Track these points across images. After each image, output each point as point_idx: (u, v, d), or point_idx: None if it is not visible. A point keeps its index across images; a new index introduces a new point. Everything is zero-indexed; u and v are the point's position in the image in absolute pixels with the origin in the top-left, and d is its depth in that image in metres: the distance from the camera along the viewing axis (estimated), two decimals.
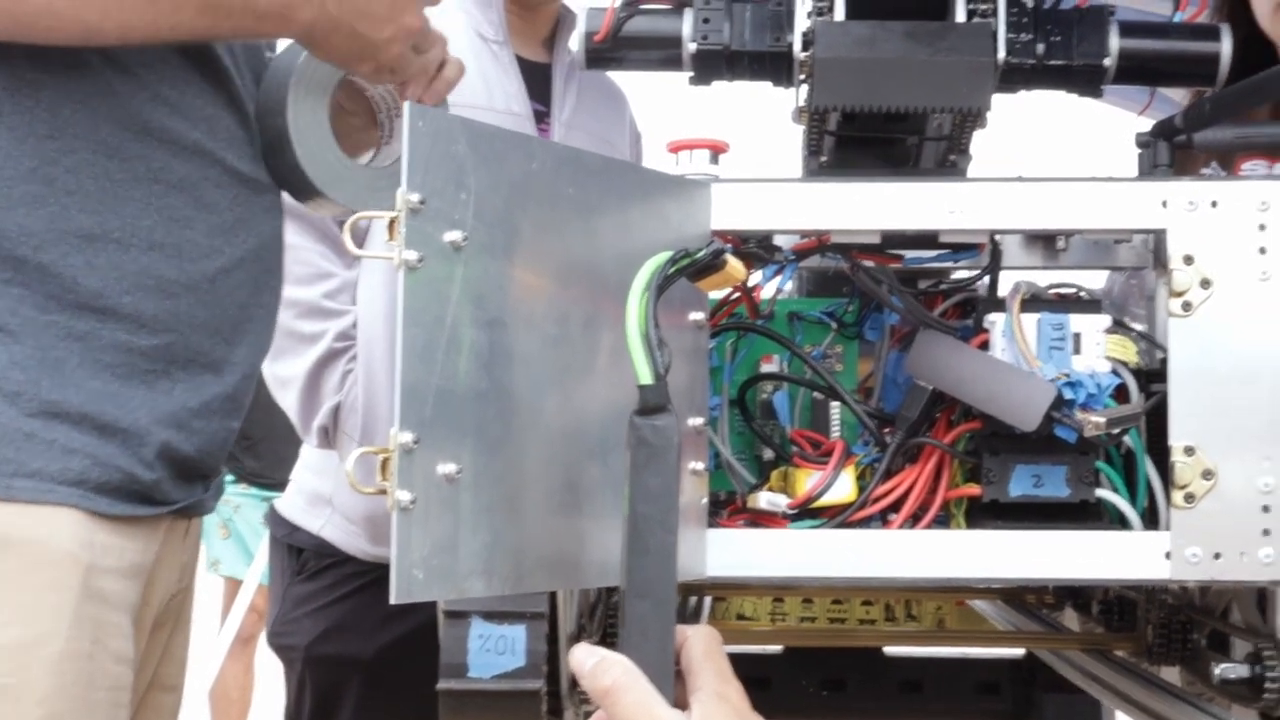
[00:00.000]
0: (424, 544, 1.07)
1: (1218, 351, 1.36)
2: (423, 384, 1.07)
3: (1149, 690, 1.63)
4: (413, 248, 1.05)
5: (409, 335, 1.06)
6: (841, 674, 2.54)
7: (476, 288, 1.11)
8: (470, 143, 1.09)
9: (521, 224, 1.15)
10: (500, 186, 1.12)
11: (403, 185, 1.05)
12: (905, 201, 1.39)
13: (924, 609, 2.54)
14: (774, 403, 1.57)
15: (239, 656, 4.99)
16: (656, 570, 1.11)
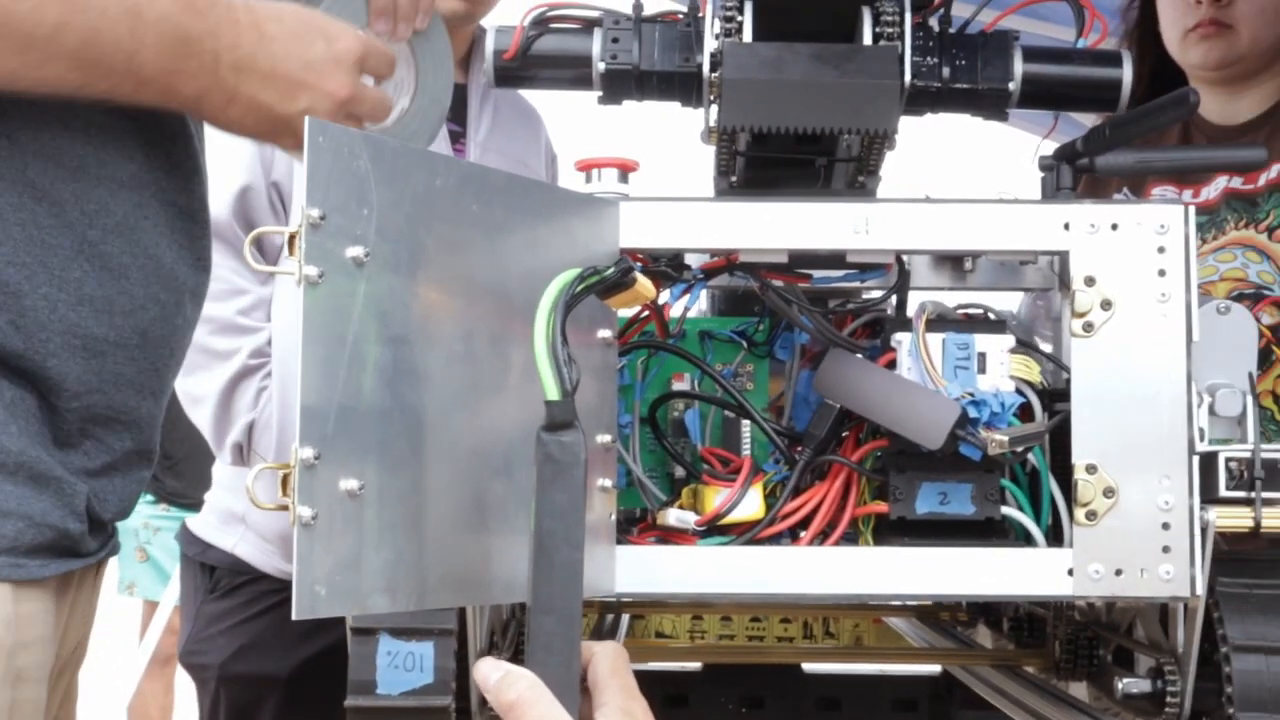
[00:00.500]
0: (326, 560, 1.07)
1: (1118, 371, 1.38)
2: (324, 400, 1.07)
3: (1056, 706, 1.65)
4: (313, 263, 1.05)
5: (310, 351, 1.06)
6: (760, 692, 2.54)
7: (380, 304, 1.11)
8: (372, 158, 1.09)
9: (426, 241, 1.15)
10: (403, 203, 1.12)
11: (303, 201, 1.05)
12: (812, 221, 1.40)
13: (842, 627, 2.55)
14: (685, 421, 1.58)
15: (158, 677, 4.94)
16: (562, 586, 1.11)
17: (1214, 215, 2.32)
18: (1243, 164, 1.62)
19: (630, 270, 1.20)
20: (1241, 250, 2.27)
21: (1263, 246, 2.25)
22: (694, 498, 1.48)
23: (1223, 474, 1.41)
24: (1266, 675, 1.40)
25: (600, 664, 1.15)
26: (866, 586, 1.41)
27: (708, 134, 1.50)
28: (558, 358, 1.10)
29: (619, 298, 1.24)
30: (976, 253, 1.51)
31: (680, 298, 1.49)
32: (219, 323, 2.22)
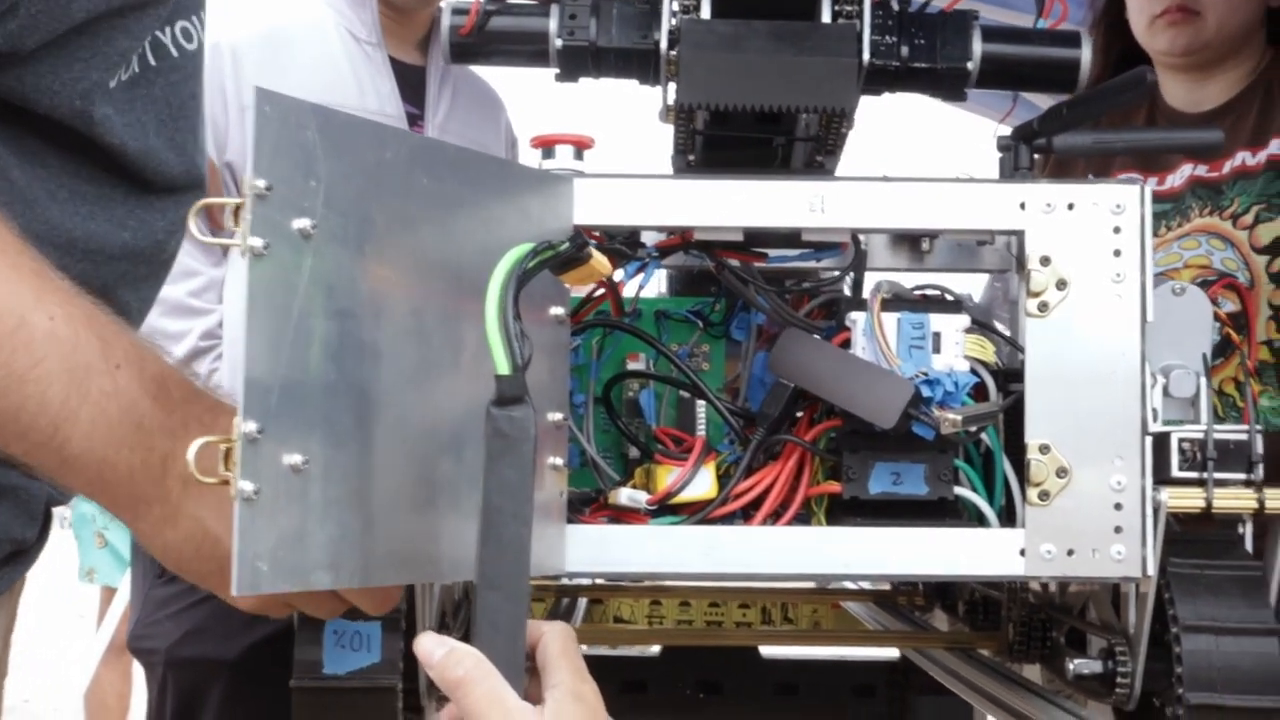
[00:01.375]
0: (269, 535, 1.06)
1: (1072, 351, 1.38)
2: (268, 373, 1.05)
3: (1009, 688, 1.65)
4: (258, 235, 1.03)
5: (254, 324, 1.04)
6: (718, 677, 2.55)
7: (327, 278, 1.09)
8: (321, 129, 1.08)
9: (375, 214, 1.13)
10: (352, 175, 1.11)
11: (248, 170, 1.03)
12: (768, 199, 1.39)
13: (800, 612, 2.55)
14: (640, 401, 1.57)
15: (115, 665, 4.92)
16: (509, 563, 1.11)
17: (1179, 203, 2.32)
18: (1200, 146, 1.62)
19: (585, 245, 1.19)
20: (1206, 238, 2.28)
21: (1227, 234, 2.26)
22: (647, 477, 1.47)
23: (1175, 455, 1.41)
24: (1216, 655, 1.40)
25: (550, 644, 1.14)
26: (819, 566, 1.41)
27: (666, 112, 1.49)
28: (509, 331, 1.09)
29: (574, 273, 1.24)
30: (933, 232, 1.51)
31: (635, 276, 1.49)
32: (169, 304, 2.20)
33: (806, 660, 2.63)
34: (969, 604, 2.04)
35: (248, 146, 1.04)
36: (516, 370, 1.10)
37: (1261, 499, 1.41)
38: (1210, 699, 1.39)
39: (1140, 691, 1.47)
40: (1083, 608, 1.63)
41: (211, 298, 2.24)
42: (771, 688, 2.57)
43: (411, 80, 2.41)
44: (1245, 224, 2.23)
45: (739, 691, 2.56)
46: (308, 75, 2.22)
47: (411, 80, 2.41)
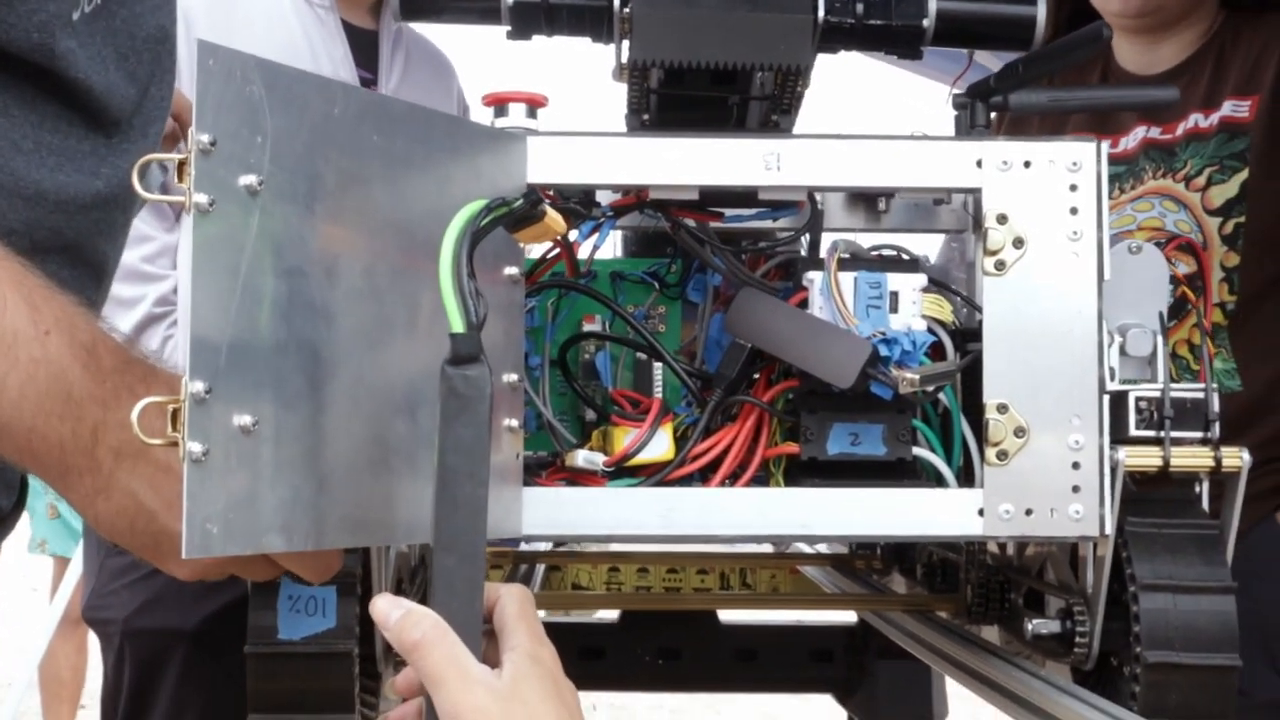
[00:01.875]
0: (218, 497, 1.04)
1: (1030, 310, 1.38)
2: (216, 332, 1.04)
3: (967, 649, 1.64)
4: (203, 191, 1.02)
5: (200, 282, 1.03)
6: (676, 643, 2.54)
7: (275, 235, 1.08)
8: (266, 84, 1.06)
9: (324, 171, 1.12)
10: (299, 131, 1.09)
11: (193, 125, 1.01)
12: (723, 157, 1.38)
13: (759, 578, 2.54)
14: (596, 363, 1.56)
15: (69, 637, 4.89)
16: (465, 524, 1.09)
17: (1132, 165, 2.32)
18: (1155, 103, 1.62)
19: (539, 202, 1.18)
20: (1159, 200, 2.28)
21: (1180, 196, 2.25)
22: (604, 440, 1.46)
23: (1132, 413, 1.41)
24: (1174, 614, 1.40)
25: (507, 607, 1.13)
26: (777, 527, 1.40)
27: (619, 71, 1.47)
28: (463, 289, 1.08)
29: (528, 231, 1.22)
30: (889, 190, 1.50)
31: (590, 236, 1.47)
32: (124, 270, 2.17)
33: (765, 626, 2.62)
34: (927, 567, 2.04)
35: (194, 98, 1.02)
36: (471, 328, 1.08)
37: (1218, 457, 1.41)
38: (1168, 657, 1.39)
39: (1098, 651, 1.47)
40: (1040, 569, 1.63)
41: (165, 263, 2.21)
42: (730, 653, 2.56)
43: (364, 45, 2.39)
44: (1198, 186, 2.23)
45: (698, 658, 2.55)
46: (260, 39, 2.20)
47: (364, 45, 2.39)
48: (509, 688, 1.06)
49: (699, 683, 2.69)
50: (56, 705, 4.96)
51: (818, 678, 2.61)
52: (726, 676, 2.61)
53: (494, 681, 1.06)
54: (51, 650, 4.84)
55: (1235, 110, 2.23)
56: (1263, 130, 2.20)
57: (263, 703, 1.39)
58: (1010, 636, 1.73)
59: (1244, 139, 2.21)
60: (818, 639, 2.59)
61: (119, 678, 2.30)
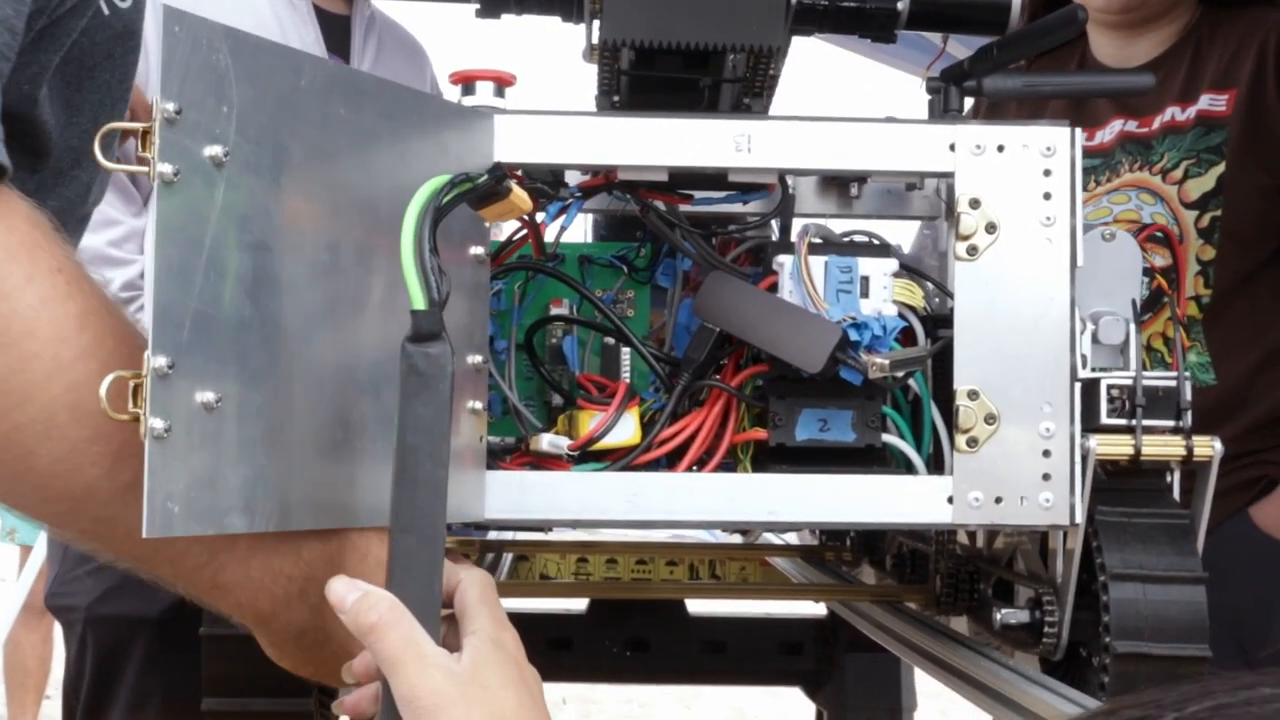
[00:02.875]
0: (180, 476, 1.02)
1: (1002, 296, 1.37)
2: (179, 306, 1.02)
3: (936, 639, 1.63)
4: (168, 161, 1.00)
5: (163, 254, 1.00)
6: (645, 634, 2.53)
7: (240, 208, 1.05)
8: (233, 53, 1.04)
9: (290, 144, 1.10)
10: (266, 102, 1.07)
11: (157, 93, 1.00)
12: (693, 138, 1.37)
13: (728, 569, 2.54)
14: (563, 347, 1.54)
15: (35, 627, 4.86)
16: (425, 504, 1.08)
17: (1108, 158, 2.31)
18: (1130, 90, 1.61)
19: (504, 178, 1.16)
20: (1135, 192, 2.27)
21: (1156, 189, 2.25)
22: (569, 424, 1.45)
23: (1104, 401, 1.40)
24: (1143, 604, 1.39)
25: (469, 591, 1.11)
26: (744, 514, 1.39)
27: (590, 51, 1.46)
28: (425, 265, 1.06)
29: (493, 209, 1.20)
30: (861, 173, 1.49)
31: (557, 218, 1.46)
32: (89, 253, 2.15)
33: (734, 618, 2.61)
34: (896, 558, 2.03)
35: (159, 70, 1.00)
36: (433, 305, 1.07)
37: (1190, 446, 1.40)
38: (1137, 647, 1.39)
39: (1067, 641, 1.46)
40: (1010, 559, 1.62)
41: (132, 248, 2.19)
42: (699, 646, 2.56)
43: (336, 30, 2.37)
44: (1174, 179, 2.23)
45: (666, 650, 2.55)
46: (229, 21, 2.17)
47: (336, 30, 2.37)
48: (469, 672, 1.04)
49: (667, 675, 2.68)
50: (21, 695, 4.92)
51: (787, 670, 2.61)
52: (695, 669, 2.61)
53: (453, 666, 1.04)
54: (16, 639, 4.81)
55: (1212, 104, 2.23)
56: (1239, 124, 2.19)
57: (219, 687, 1.37)
58: (979, 627, 1.72)
59: (1221, 133, 2.21)
60: (787, 632, 2.59)
61: (81, 665, 2.28)
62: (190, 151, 1.01)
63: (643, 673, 2.65)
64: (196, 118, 1.01)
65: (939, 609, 1.78)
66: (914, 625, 1.74)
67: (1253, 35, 2.23)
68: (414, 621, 1.05)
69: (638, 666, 2.57)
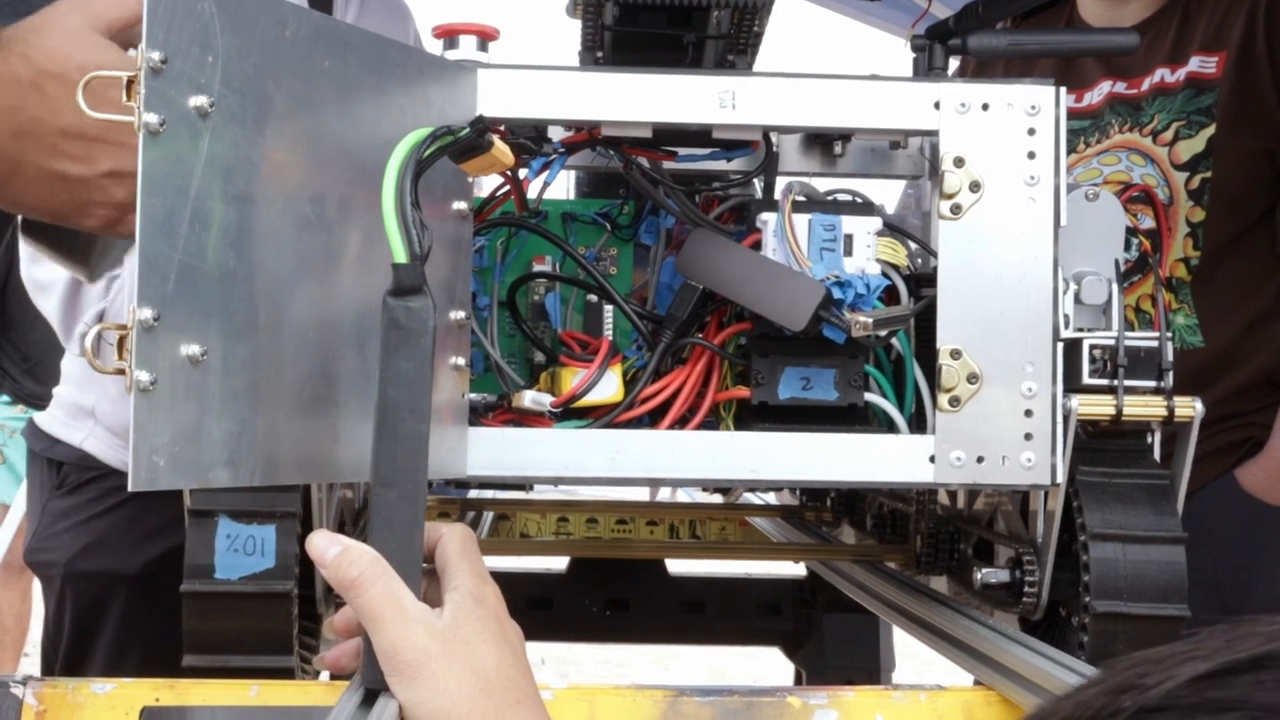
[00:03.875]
0: (166, 429, 1.02)
1: (985, 255, 1.36)
2: (164, 257, 1.01)
3: (916, 598, 1.64)
4: (153, 110, 0.99)
5: (148, 204, 1.00)
6: (624, 594, 2.54)
7: (225, 159, 1.05)
8: (218, 1, 1.03)
9: (274, 95, 1.09)
10: (250, 52, 1.06)
11: (143, 42, 0.99)
12: (678, 94, 1.36)
13: (708, 529, 2.54)
14: (546, 304, 1.54)
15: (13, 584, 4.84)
16: (406, 459, 1.08)
17: (1097, 119, 2.31)
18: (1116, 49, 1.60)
19: (486, 131, 1.16)
20: (1126, 153, 2.27)
21: (1147, 150, 2.25)
22: (552, 381, 1.45)
23: (1086, 361, 1.40)
24: (1123, 564, 1.40)
25: (449, 545, 1.11)
26: (726, 471, 1.38)
27: (573, 7, 1.45)
28: (406, 219, 1.06)
29: (475, 163, 1.20)
30: (846, 131, 1.48)
31: (540, 174, 1.45)
32: None
33: (713, 578, 2.62)
34: (877, 518, 2.03)
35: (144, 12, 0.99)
36: (414, 259, 1.06)
37: (1171, 406, 1.41)
38: (1116, 607, 1.39)
39: (1046, 600, 1.47)
40: (990, 519, 1.63)
41: None
42: (678, 606, 2.57)
43: None
44: (1165, 140, 2.23)
45: (645, 609, 2.55)
46: None
47: None
48: (450, 627, 1.04)
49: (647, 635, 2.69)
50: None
51: (765, 630, 2.61)
52: (674, 629, 2.62)
53: (434, 620, 1.04)
54: None
55: (1202, 66, 2.22)
56: (1229, 86, 2.19)
57: (199, 643, 1.37)
58: (959, 587, 1.72)
59: (1211, 94, 2.20)
60: (766, 592, 2.60)
61: (60, 620, 2.28)
62: (176, 101, 1.01)
63: (622, 632, 2.66)
64: (182, 67, 1.01)
65: (919, 569, 1.79)
66: (894, 584, 1.74)
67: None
68: (395, 576, 1.05)
69: (617, 626, 2.58)
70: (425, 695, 1.01)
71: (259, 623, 1.35)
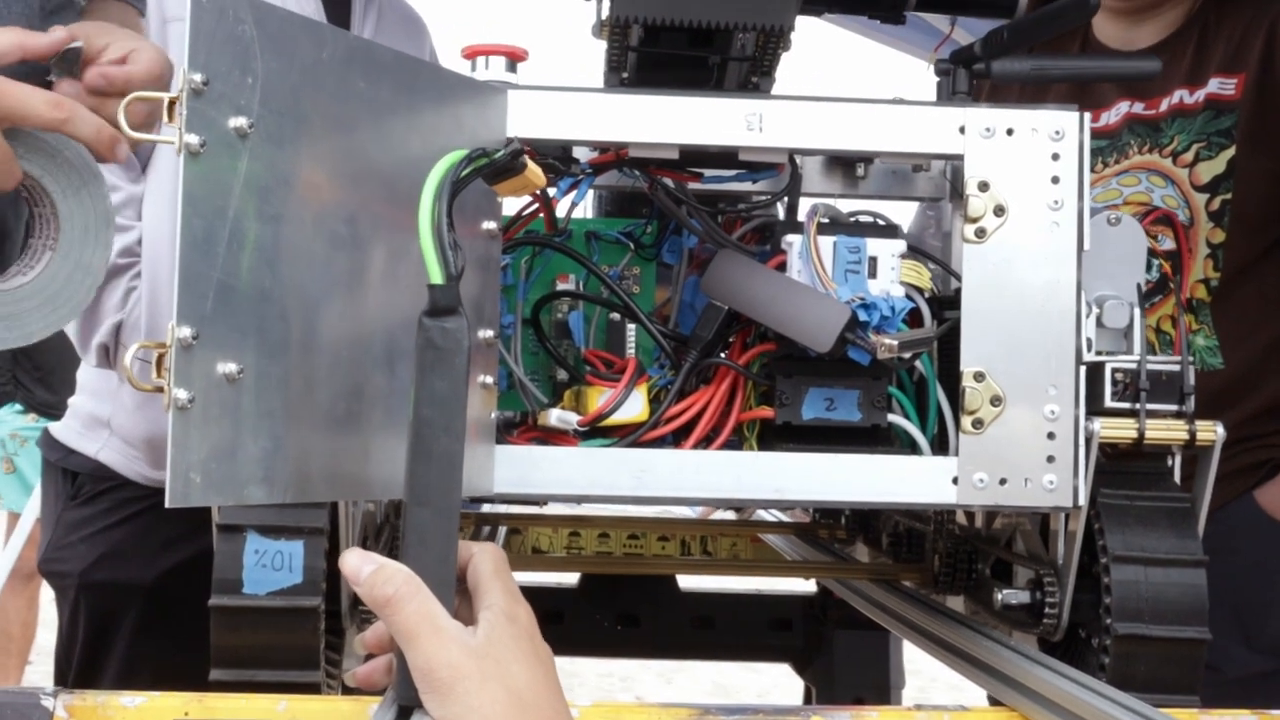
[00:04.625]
0: (202, 446, 1.03)
1: (1008, 279, 1.38)
2: (202, 277, 1.02)
3: (933, 618, 1.64)
4: (194, 132, 1.00)
5: (188, 224, 1.01)
6: (635, 609, 2.55)
7: (262, 179, 1.06)
8: (258, 23, 1.04)
9: (311, 116, 1.10)
10: (289, 73, 1.07)
11: (184, 64, 1.00)
12: (705, 116, 1.37)
13: (719, 545, 2.54)
14: (569, 323, 1.55)
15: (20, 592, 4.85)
16: (440, 477, 1.08)
17: (1115, 140, 2.31)
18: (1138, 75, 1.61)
19: (520, 154, 1.17)
20: (1146, 174, 2.27)
21: (1167, 171, 2.25)
22: (576, 399, 1.45)
23: (1108, 385, 1.41)
24: (1144, 586, 1.40)
25: (482, 564, 1.11)
26: (750, 491, 1.39)
27: (599, 28, 1.46)
28: (443, 240, 1.06)
29: (507, 184, 1.21)
30: (871, 154, 1.49)
31: (567, 193, 1.46)
32: None
33: (723, 594, 2.63)
34: (893, 536, 2.04)
35: (183, 47, 1.00)
36: (450, 280, 1.07)
37: (1192, 430, 1.41)
38: (1137, 629, 1.40)
39: (1067, 622, 1.47)
40: (1009, 539, 1.63)
41: (130, 214, 2.18)
42: (688, 621, 2.57)
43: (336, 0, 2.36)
44: (1185, 161, 2.23)
45: (656, 624, 2.56)
46: None
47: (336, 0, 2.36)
48: (483, 645, 1.05)
49: (657, 649, 2.70)
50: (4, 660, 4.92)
51: (776, 646, 2.62)
52: (684, 643, 2.62)
53: (469, 638, 1.05)
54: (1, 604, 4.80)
55: (1222, 88, 2.23)
56: (1249, 108, 2.20)
57: (226, 658, 1.37)
58: (976, 607, 1.73)
59: (1230, 116, 2.21)
60: (776, 608, 2.60)
61: (74, 631, 2.28)
62: (216, 122, 1.02)
63: (632, 647, 2.66)
64: (222, 89, 1.02)
65: (936, 588, 1.79)
66: (912, 604, 1.75)
67: (1260, 19, 2.23)
68: (430, 594, 1.06)
69: (627, 641, 2.58)
70: (459, 712, 1.02)
71: (286, 637, 1.36)
